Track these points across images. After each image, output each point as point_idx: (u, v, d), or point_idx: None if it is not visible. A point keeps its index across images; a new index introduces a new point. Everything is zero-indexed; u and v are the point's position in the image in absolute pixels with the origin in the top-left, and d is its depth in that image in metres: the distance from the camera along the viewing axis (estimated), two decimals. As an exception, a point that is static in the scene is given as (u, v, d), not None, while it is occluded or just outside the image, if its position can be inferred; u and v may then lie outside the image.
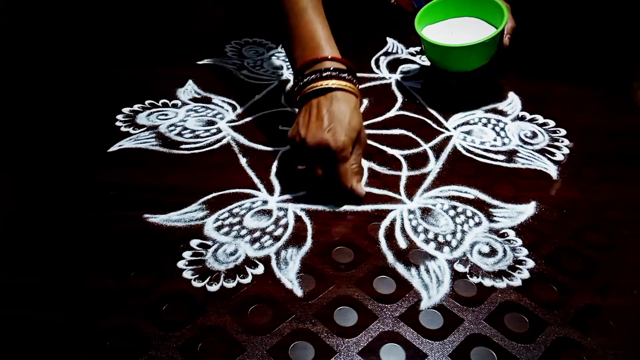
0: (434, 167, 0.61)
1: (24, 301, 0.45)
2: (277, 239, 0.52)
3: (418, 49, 0.87)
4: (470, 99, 0.73)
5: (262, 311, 0.45)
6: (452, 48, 0.68)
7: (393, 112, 0.71)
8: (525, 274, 0.49)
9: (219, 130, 0.67)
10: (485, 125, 0.69)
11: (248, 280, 0.47)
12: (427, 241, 0.52)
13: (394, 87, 0.76)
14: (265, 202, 0.56)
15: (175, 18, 0.98)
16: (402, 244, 0.51)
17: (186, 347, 0.42)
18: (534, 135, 0.67)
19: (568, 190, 0.59)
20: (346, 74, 0.55)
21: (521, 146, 0.65)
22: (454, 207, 0.56)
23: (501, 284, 0.48)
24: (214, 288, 0.47)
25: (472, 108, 0.72)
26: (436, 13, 0.75)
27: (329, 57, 0.55)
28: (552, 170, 0.62)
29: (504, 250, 0.51)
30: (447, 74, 0.75)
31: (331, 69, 0.54)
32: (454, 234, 0.53)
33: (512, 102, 0.74)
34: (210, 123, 0.68)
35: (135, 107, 0.71)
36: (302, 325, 0.44)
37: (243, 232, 0.52)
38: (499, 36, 0.68)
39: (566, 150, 0.65)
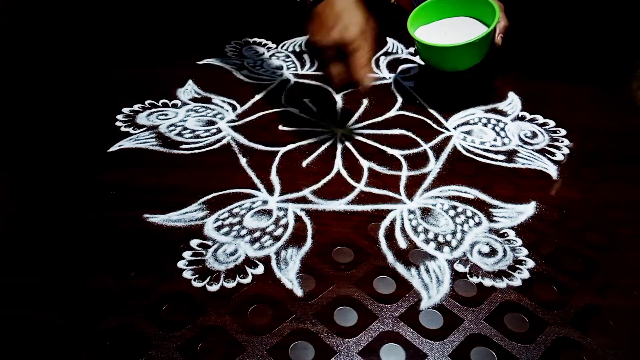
0: (434, 167, 0.61)
1: (24, 301, 0.45)
2: (277, 239, 0.52)
3: (418, 49, 0.87)
4: (470, 99, 0.73)
5: (262, 311, 0.45)
6: (443, 48, 0.68)
7: (393, 112, 0.71)
8: (525, 274, 0.49)
9: (219, 130, 0.67)
10: (485, 125, 0.69)
11: (248, 280, 0.47)
12: (427, 241, 0.52)
13: (393, 87, 0.76)
14: (265, 202, 0.56)
15: (175, 18, 0.98)
16: (402, 244, 0.51)
17: (186, 347, 0.42)
18: (534, 135, 0.67)
19: (568, 190, 0.59)
20: None
21: (521, 146, 0.65)
22: (454, 207, 0.56)
23: (501, 284, 0.48)
24: (214, 288, 0.47)
25: (472, 108, 0.72)
26: (430, 13, 0.74)
27: None
28: (552, 170, 0.62)
29: (504, 250, 0.51)
30: (441, 73, 0.75)
31: None
32: (454, 234, 0.53)
33: (512, 102, 0.74)
34: (210, 123, 0.68)
35: (135, 107, 0.71)
36: (302, 325, 0.44)
37: (243, 232, 0.52)
38: (491, 35, 0.68)
39: (566, 150, 0.65)
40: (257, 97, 0.74)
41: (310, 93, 0.74)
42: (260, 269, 0.48)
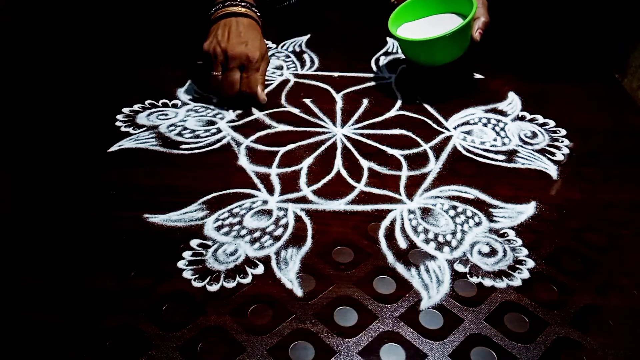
0: (434, 167, 0.61)
1: (24, 301, 0.45)
2: (277, 239, 0.52)
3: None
4: (470, 99, 0.73)
5: (262, 311, 0.45)
6: (417, 42, 0.68)
7: (393, 112, 0.71)
8: (525, 274, 0.49)
9: (219, 130, 0.67)
10: (485, 125, 0.69)
11: (248, 280, 0.47)
12: (427, 241, 0.52)
13: (394, 87, 0.76)
14: (265, 202, 0.56)
15: (176, 18, 0.98)
16: (402, 244, 0.51)
17: (186, 347, 0.42)
18: (534, 135, 0.67)
19: (568, 190, 0.59)
20: (253, 7, 0.71)
21: (521, 146, 0.65)
22: (454, 207, 0.56)
23: (501, 284, 0.48)
24: (214, 288, 0.47)
25: (472, 108, 0.72)
26: (416, 10, 0.74)
27: None
28: (552, 170, 0.62)
29: (504, 250, 0.51)
30: (422, 68, 0.74)
31: None
32: (454, 234, 0.53)
33: (512, 102, 0.74)
34: (210, 123, 0.68)
35: (135, 107, 0.71)
36: (302, 325, 0.44)
37: (243, 232, 0.52)
38: (466, 30, 0.67)
39: (566, 150, 0.65)
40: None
41: (311, 93, 0.74)
42: (260, 269, 0.48)
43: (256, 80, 0.68)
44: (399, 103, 0.73)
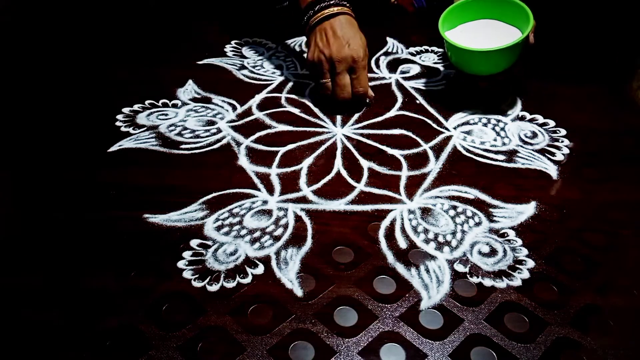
0: (434, 167, 0.61)
1: (24, 301, 0.45)
2: (277, 239, 0.52)
3: (418, 49, 0.87)
4: (470, 99, 0.73)
5: (262, 311, 0.45)
6: (485, 52, 0.65)
7: (393, 112, 0.71)
8: (525, 274, 0.49)
9: (219, 130, 0.67)
10: (485, 125, 0.69)
11: (248, 280, 0.47)
12: (427, 241, 0.52)
13: (394, 87, 0.76)
14: (265, 202, 0.56)
15: (176, 18, 0.98)
16: (402, 244, 0.51)
17: (186, 347, 0.42)
18: (534, 135, 0.67)
19: (568, 190, 0.59)
20: (344, 1, 0.67)
21: (521, 146, 0.65)
22: (454, 207, 0.56)
23: (501, 284, 0.48)
24: (214, 288, 0.47)
25: (472, 108, 0.72)
26: (455, 17, 0.72)
27: None
28: (552, 170, 0.62)
29: (504, 250, 0.51)
30: (475, 77, 0.72)
31: None
32: (454, 234, 0.53)
33: (512, 102, 0.74)
34: (210, 123, 0.68)
35: (135, 107, 0.71)
36: (302, 325, 0.44)
37: (243, 232, 0.52)
38: (528, 36, 0.66)
39: (566, 150, 0.65)
40: (257, 97, 0.74)
41: (311, 93, 0.74)
42: (260, 269, 0.48)
43: (365, 79, 0.67)
44: (399, 103, 0.73)
